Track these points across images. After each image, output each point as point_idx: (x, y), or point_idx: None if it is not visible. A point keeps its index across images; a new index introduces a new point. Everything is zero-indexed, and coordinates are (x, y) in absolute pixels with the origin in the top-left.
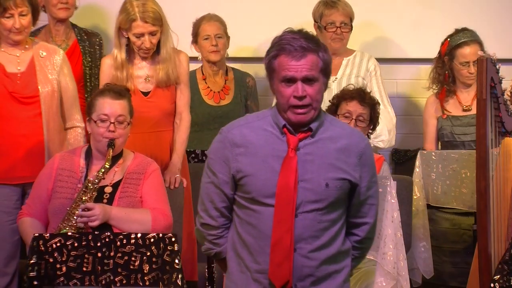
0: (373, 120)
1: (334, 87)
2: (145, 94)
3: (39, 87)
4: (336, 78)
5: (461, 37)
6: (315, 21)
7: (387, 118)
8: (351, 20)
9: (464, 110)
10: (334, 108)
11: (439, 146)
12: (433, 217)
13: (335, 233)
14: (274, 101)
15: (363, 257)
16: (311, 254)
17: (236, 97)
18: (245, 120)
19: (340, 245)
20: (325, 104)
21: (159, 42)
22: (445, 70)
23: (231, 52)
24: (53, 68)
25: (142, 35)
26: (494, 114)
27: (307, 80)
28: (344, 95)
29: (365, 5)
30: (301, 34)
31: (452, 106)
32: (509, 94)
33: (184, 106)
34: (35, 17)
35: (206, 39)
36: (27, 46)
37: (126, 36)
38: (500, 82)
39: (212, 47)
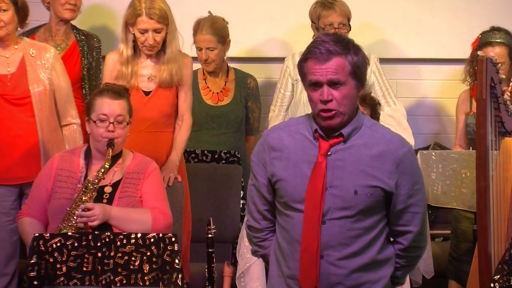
0: None
1: None
2: (147, 93)
3: (30, 87)
4: None
5: (490, 37)
6: (312, 22)
7: (401, 118)
8: (349, 20)
9: None
10: None
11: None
12: (456, 215)
13: (368, 241)
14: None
15: (412, 265)
16: (339, 262)
17: (236, 98)
18: (286, 124)
19: (375, 254)
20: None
21: (164, 42)
22: (474, 65)
23: (232, 52)
24: (44, 66)
25: (146, 31)
26: (494, 114)
27: (333, 84)
28: None
29: (365, 6)
30: (332, 36)
31: None
32: (509, 94)
33: (186, 109)
34: (21, 18)
35: (199, 50)
36: (16, 46)
37: (133, 32)
38: (500, 82)
39: (203, 62)
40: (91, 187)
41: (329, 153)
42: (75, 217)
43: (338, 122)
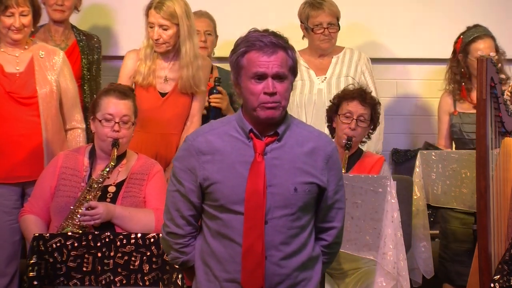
0: (373, 120)
1: (324, 86)
2: (162, 95)
3: (37, 87)
4: (325, 77)
5: (474, 33)
6: (301, 22)
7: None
8: (338, 19)
9: (475, 108)
10: (335, 108)
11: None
12: (444, 215)
13: (304, 239)
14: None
15: (331, 262)
16: (282, 262)
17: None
18: (210, 127)
19: (310, 252)
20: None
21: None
22: (460, 68)
23: (229, 52)
24: (52, 68)
25: (154, 25)
26: (494, 114)
27: (278, 77)
28: (345, 95)
29: (364, 5)
30: (269, 32)
31: (464, 103)
32: (509, 94)
33: (198, 110)
34: (35, 19)
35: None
36: (26, 46)
37: None
38: (500, 82)
39: (201, 43)
40: (95, 186)
41: (265, 152)
42: (78, 216)
43: (278, 115)
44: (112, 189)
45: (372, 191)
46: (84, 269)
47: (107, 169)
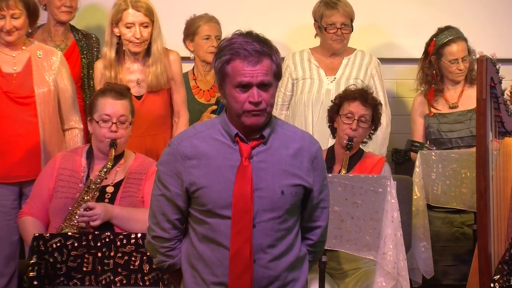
0: (375, 121)
1: (332, 87)
2: (138, 98)
3: (34, 87)
4: (335, 78)
5: (447, 36)
6: (315, 20)
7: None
8: (352, 20)
9: (451, 108)
10: (336, 108)
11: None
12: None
13: (291, 240)
14: None
15: (317, 260)
16: (270, 264)
17: None
18: (194, 131)
19: (297, 252)
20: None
21: (150, 42)
22: (432, 69)
23: None
24: (50, 69)
25: (133, 24)
26: (494, 114)
27: (263, 86)
28: (347, 96)
29: (364, 5)
30: (253, 37)
31: (439, 104)
32: (509, 94)
33: (181, 105)
34: (32, 20)
35: (206, 39)
36: (24, 47)
37: (118, 34)
38: (500, 82)
39: (212, 48)
40: (93, 187)
41: (251, 155)
42: (76, 217)
43: (263, 121)
44: (110, 189)
45: (372, 191)
46: (84, 269)
47: (105, 170)
